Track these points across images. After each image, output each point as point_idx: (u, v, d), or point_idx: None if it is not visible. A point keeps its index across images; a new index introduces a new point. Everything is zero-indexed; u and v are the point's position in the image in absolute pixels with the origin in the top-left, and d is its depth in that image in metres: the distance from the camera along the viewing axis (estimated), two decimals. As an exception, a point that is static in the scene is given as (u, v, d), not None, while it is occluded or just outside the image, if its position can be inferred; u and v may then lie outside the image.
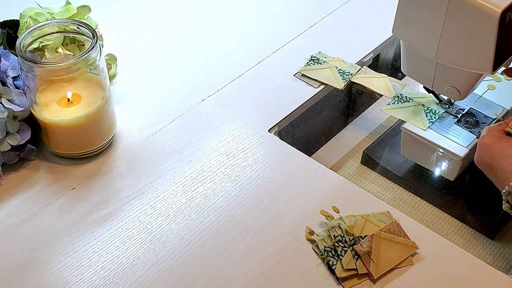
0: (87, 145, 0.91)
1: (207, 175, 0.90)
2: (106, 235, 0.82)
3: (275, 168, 0.91)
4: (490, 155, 0.83)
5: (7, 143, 0.87)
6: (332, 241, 0.79)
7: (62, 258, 0.80)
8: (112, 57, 1.04)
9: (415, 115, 0.98)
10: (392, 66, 1.23)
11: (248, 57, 1.09)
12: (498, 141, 0.84)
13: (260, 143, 0.95)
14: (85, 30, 0.88)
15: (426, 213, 0.98)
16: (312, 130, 1.12)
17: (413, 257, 0.80)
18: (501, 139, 0.84)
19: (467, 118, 0.98)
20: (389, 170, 1.03)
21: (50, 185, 0.88)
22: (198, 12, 1.20)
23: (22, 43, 0.85)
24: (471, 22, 0.82)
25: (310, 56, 1.08)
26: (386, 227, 0.80)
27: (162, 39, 1.14)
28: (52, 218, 0.84)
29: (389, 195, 1.00)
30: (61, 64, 0.84)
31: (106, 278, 0.78)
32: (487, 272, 0.79)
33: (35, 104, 0.88)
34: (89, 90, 0.89)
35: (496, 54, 0.83)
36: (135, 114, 0.99)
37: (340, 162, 1.07)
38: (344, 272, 0.77)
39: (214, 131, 0.96)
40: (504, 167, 0.81)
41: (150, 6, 1.21)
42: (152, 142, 0.95)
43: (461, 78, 0.90)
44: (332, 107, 1.15)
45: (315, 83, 1.04)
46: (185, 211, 0.85)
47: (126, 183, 0.89)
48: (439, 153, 0.96)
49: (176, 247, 0.81)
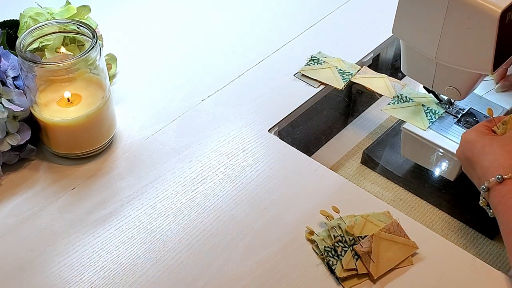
0: (87, 145, 0.91)
1: (207, 175, 0.90)
2: (106, 235, 0.82)
3: (275, 168, 0.91)
4: (471, 150, 0.83)
5: (7, 143, 0.87)
6: (332, 241, 0.79)
7: (62, 258, 0.80)
8: (112, 57, 1.04)
9: (415, 115, 0.98)
10: (392, 66, 1.23)
11: (248, 57, 1.09)
12: (481, 137, 0.84)
13: (260, 143, 0.95)
14: (85, 30, 0.88)
15: (426, 213, 0.98)
16: (312, 130, 1.12)
17: (413, 257, 0.80)
18: (485, 136, 0.84)
19: (467, 118, 0.98)
20: (389, 170, 1.03)
21: (50, 185, 0.89)
22: (198, 12, 1.20)
23: (22, 43, 0.85)
24: (471, 22, 0.82)
25: (310, 56, 1.08)
26: (386, 227, 0.80)
27: (162, 39, 1.14)
28: (52, 218, 0.84)
29: (389, 195, 1.00)
30: (61, 64, 0.84)
31: (106, 278, 0.78)
32: (487, 272, 0.79)
33: (35, 104, 0.88)
34: (89, 90, 0.89)
35: (496, 54, 0.83)
36: (135, 114, 0.99)
37: (340, 162, 1.07)
38: (344, 272, 0.77)
39: (214, 131, 0.96)
40: (484, 163, 0.81)
41: (150, 6, 1.21)
42: (152, 142, 0.95)
43: (461, 78, 0.90)
44: (332, 107, 1.15)
45: (315, 83, 1.04)
46: (185, 211, 0.85)
47: (126, 183, 0.89)
48: (439, 153, 0.96)
49: (176, 247, 0.81)
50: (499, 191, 0.78)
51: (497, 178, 0.78)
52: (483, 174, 0.80)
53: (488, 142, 0.82)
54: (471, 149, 0.83)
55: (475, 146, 0.83)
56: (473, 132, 0.85)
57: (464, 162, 0.86)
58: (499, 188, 0.78)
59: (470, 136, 0.85)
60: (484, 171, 0.80)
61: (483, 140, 0.83)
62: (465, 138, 0.86)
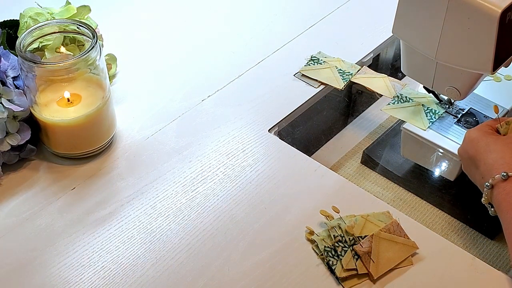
0: (87, 145, 0.91)
1: (207, 175, 0.90)
2: (106, 235, 0.82)
3: (275, 168, 0.91)
4: (475, 148, 0.83)
5: (7, 143, 0.87)
6: (332, 241, 0.79)
7: (62, 258, 0.80)
8: (112, 57, 1.04)
9: (415, 115, 0.98)
10: (392, 66, 1.23)
11: (248, 57, 1.09)
12: (485, 136, 0.84)
13: (260, 143, 0.95)
14: (85, 30, 0.88)
15: (426, 213, 0.98)
16: (312, 130, 1.12)
17: (413, 257, 0.80)
18: (488, 135, 0.84)
19: (467, 118, 0.98)
20: (389, 170, 1.03)
21: (50, 185, 0.88)
22: (198, 12, 1.20)
23: (22, 43, 0.85)
24: (471, 22, 0.82)
25: (310, 56, 1.08)
26: (386, 227, 0.80)
27: (162, 39, 1.14)
28: (52, 218, 0.84)
29: (389, 195, 1.00)
30: (61, 64, 0.84)
31: (106, 278, 0.78)
32: (487, 272, 0.79)
33: (35, 104, 0.88)
34: (89, 90, 0.89)
35: (496, 54, 0.83)
36: (135, 114, 0.99)
37: (340, 162, 1.07)
38: (344, 272, 0.77)
39: (214, 131, 0.96)
40: (489, 160, 0.81)
41: (150, 6, 1.21)
42: (152, 142, 0.95)
43: (461, 78, 0.90)
44: (332, 107, 1.15)
45: (315, 83, 1.04)
46: (185, 211, 0.85)
47: (126, 183, 0.89)
48: (439, 153, 0.96)
49: (176, 247, 0.81)
50: (503, 189, 0.78)
51: (502, 175, 0.78)
52: (487, 171, 0.80)
53: (493, 140, 0.82)
54: (475, 147, 0.83)
55: (479, 144, 0.83)
56: (477, 131, 0.85)
57: (466, 160, 0.86)
58: (503, 186, 0.78)
59: (474, 134, 0.85)
60: (488, 168, 0.80)
61: (487, 138, 0.83)
62: (469, 136, 0.86)
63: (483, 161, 0.81)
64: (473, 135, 0.85)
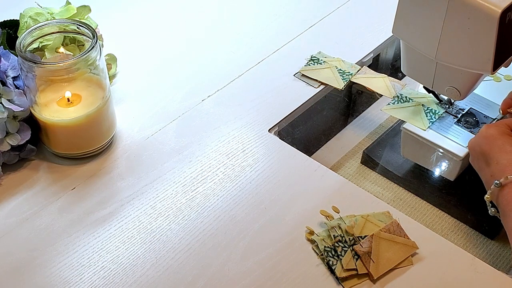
0: (87, 145, 0.91)
1: (207, 175, 0.90)
2: (106, 235, 0.82)
3: (275, 168, 0.91)
4: (489, 145, 0.83)
5: (7, 143, 0.87)
6: (332, 241, 0.79)
7: (62, 258, 0.80)
8: (112, 57, 1.04)
9: (415, 115, 0.98)
10: (392, 66, 1.23)
11: (248, 57, 1.09)
12: (503, 136, 0.84)
13: (260, 143, 0.95)
14: (85, 30, 0.88)
15: (426, 213, 0.98)
16: (312, 130, 1.12)
17: (413, 257, 0.80)
18: (506, 135, 0.84)
19: (467, 118, 0.98)
20: (389, 170, 1.03)
21: (50, 185, 0.89)
22: (198, 12, 1.20)
23: (22, 43, 0.85)
24: (471, 22, 0.82)
25: (310, 56, 1.08)
26: (386, 227, 0.80)
27: (162, 39, 1.14)
28: (52, 218, 0.84)
29: (389, 195, 1.00)
30: (61, 64, 0.84)
31: (106, 278, 0.78)
32: (487, 272, 0.79)
33: (35, 104, 0.88)
34: (89, 90, 0.89)
35: (496, 54, 0.83)
36: (135, 114, 0.99)
37: (340, 162, 1.07)
38: (344, 272, 0.77)
39: (214, 131, 0.96)
40: (502, 160, 0.81)
41: (151, 6, 1.21)
42: (152, 142, 0.95)
43: (461, 78, 0.90)
44: (332, 107, 1.15)
45: (315, 83, 1.04)
46: (185, 211, 0.85)
47: (126, 183, 0.89)
48: (439, 153, 0.96)
49: (176, 247, 0.81)
50: None
51: None
52: (499, 171, 0.81)
53: (509, 141, 0.83)
54: (490, 144, 0.83)
55: (495, 143, 0.83)
56: (495, 129, 0.85)
57: (477, 154, 0.86)
58: None
59: (491, 131, 0.85)
60: (501, 168, 0.81)
61: (504, 138, 0.83)
62: (486, 131, 0.85)
63: (496, 160, 0.82)
64: (490, 131, 0.85)
